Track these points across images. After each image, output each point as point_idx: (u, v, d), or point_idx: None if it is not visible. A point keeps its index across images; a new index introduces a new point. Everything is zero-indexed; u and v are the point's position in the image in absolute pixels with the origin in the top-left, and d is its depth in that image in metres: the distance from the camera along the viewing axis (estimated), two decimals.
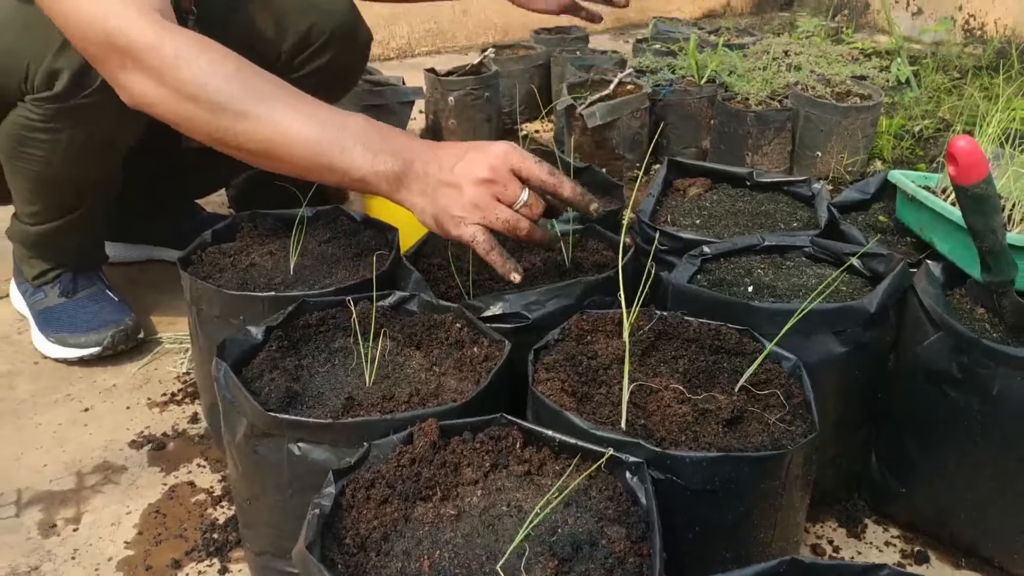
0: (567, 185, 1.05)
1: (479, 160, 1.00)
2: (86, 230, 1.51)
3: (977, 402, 0.99)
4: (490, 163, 1.00)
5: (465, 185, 1.01)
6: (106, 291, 1.54)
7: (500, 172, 1.01)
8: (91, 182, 1.42)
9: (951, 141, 0.96)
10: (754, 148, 2.08)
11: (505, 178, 1.01)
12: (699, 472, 0.81)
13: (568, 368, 0.95)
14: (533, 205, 1.03)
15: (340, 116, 1.03)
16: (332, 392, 0.96)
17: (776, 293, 1.12)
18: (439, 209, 1.02)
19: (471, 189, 1.00)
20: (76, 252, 1.53)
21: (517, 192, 1.02)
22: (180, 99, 1.00)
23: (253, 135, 1.00)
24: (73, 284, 1.52)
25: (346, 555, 0.73)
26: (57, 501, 1.19)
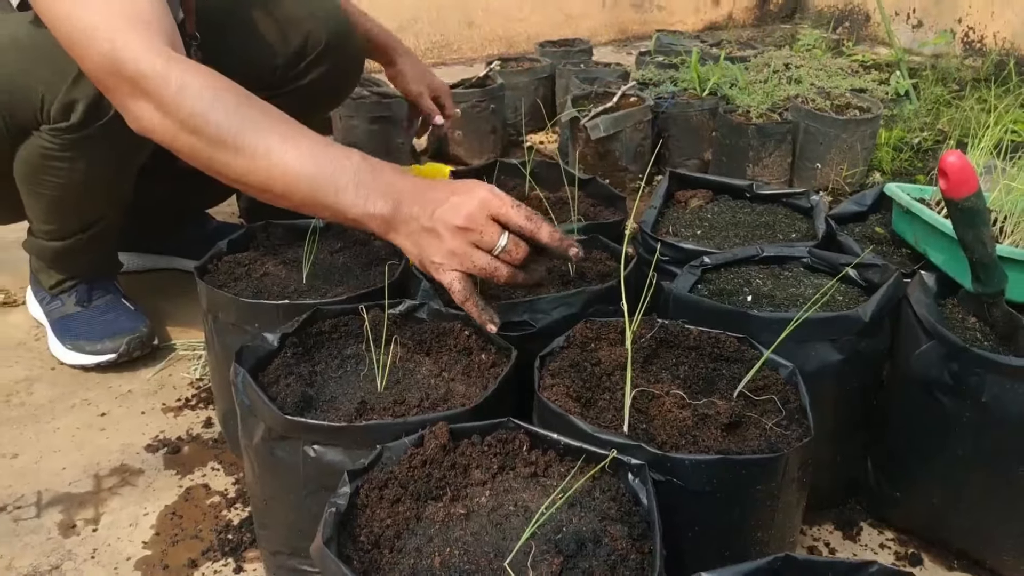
0: (544, 230, 1.02)
1: (458, 207, 1.00)
2: (99, 247, 1.55)
3: (968, 409, 1.02)
4: (468, 211, 1.00)
5: (444, 232, 1.01)
6: (121, 299, 1.58)
7: (477, 219, 1.00)
8: (107, 202, 1.46)
9: (942, 157, 1.00)
10: (755, 160, 2.12)
11: (482, 225, 1.00)
12: (698, 474, 0.84)
13: (572, 374, 0.99)
14: (513, 250, 1.01)
15: (337, 154, 1.05)
16: (345, 397, 0.99)
17: (775, 302, 1.16)
18: (422, 254, 1.03)
19: (449, 237, 1.01)
20: (92, 264, 1.57)
21: (495, 239, 1.00)
22: (182, 131, 1.03)
23: (251, 171, 1.03)
24: (89, 293, 1.56)
25: (361, 551, 0.77)
26: (76, 503, 1.22)
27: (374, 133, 2.23)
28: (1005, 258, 1.08)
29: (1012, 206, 1.20)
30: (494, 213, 1.01)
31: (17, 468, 1.29)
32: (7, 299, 1.74)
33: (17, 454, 1.31)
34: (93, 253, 1.54)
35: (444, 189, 1.03)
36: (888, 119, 2.50)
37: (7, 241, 1.93)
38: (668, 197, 1.53)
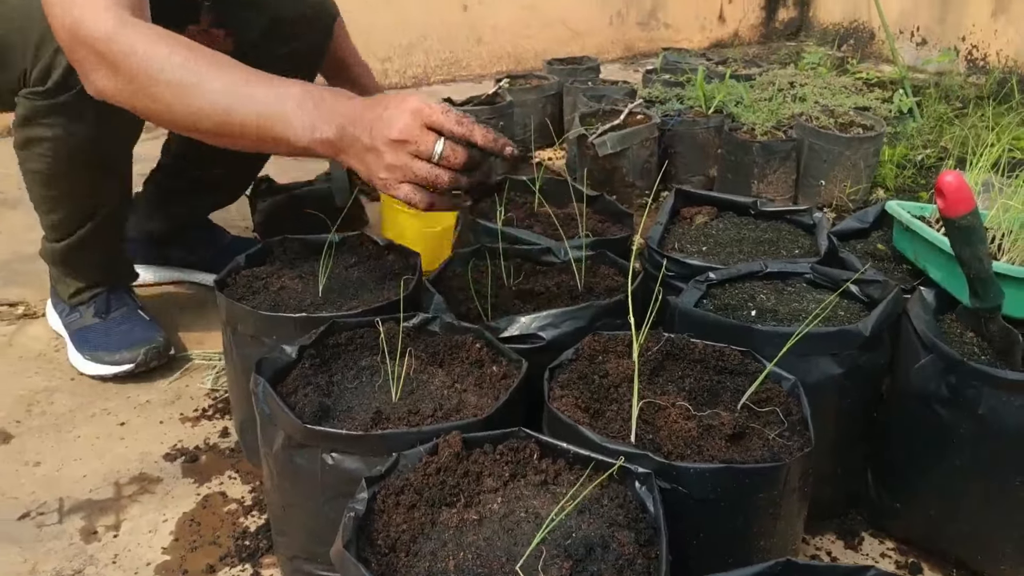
0: (477, 132, 1.06)
1: (391, 121, 1.04)
2: (106, 244, 1.57)
3: (965, 421, 1.05)
4: (401, 123, 1.04)
5: (382, 148, 1.05)
6: (138, 311, 1.62)
7: (411, 130, 1.04)
8: (98, 187, 1.47)
9: (939, 177, 1.03)
10: (760, 177, 2.16)
11: (417, 135, 1.04)
12: (703, 482, 0.87)
13: (581, 386, 1.02)
14: (451, 156, 1.05)
15: (280, 88, 1.09)
16: (361, 407, 1.03)
17: (778, 317, 1.19)
18: (370, 172, 1.08)
19: (388, 152, 1.05)
20: (101, 269, 1.60)
21: (431, 147, 1.04)
22: (135, 90, 1.08)
23: (204, 120, 1.09)
24: (107, 305, 1.60)
25: (379, 555, 0.80)
26: (97, 509, 1.26)
27: None
28: (1001, 275, 1.11)
29: (1010, 224, 1.23)
30: (427, 122, 1.05)
31: (39, 476, 1.32)
32: (27, 311, 1.78)
33: (39, 462, 1.35)
34: (100, 252, 1.58)
35: (379, 105, 1.08)
36: (892, 136, 2.54)
37: (26, 255, 1.98)
38: (674, 213, 1.57)
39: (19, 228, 2.16)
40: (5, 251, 2.04)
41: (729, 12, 4.14)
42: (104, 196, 1.50)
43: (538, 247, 1.38)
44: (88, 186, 1.47)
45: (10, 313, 1.78)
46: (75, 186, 1.46)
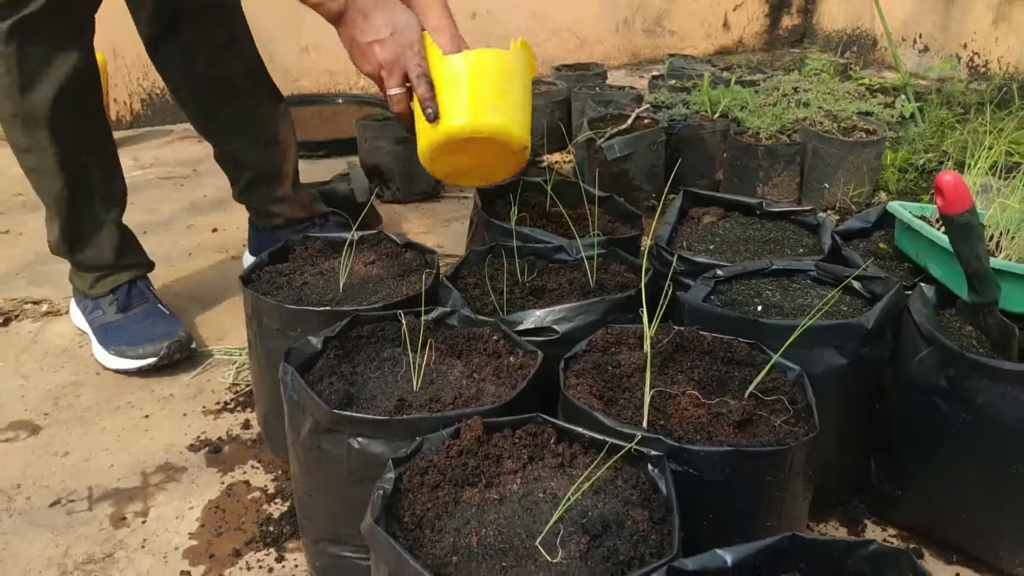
0: (420, 88, 1.33)
1: (384, 50, 1.32)
2: (97, 215, 1.61)
3: (964, 411, 1.09)
4: (386, 58, 1.32)
5: (370, 59, 1.34)
6: (158, 306, 1.67)
7: (391, 65, 1.33)
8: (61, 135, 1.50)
9: (938, 176, 1.08)
10: (764, 180, 2.20)
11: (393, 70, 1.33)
12: (713, 465, 0.92)
13: (595, 375, 1.07)
14: (395, 100, 1.37)
15: None
16: (384, 395, 1.07)
17: (783, 312, 1.24)
18: (352, 57, 1.36)
19: (370, 66, 1.35)
20: (108, 251, 1.63)
21: (391, 85, 1.35)
22: None
23: None
24: (127, 300, 1.65)
25: (405, 531, 0.85)
26: (125, 497, 1.30)
27: (399, 153, 2.32)
28: (999, 270, 1.15)
29: (1007, 223, 1.27)
30: (404, 66, 1.33)
31: (68, 466, 1.37)
32: (51, 309, 1.83)
33: (68, 452, 1.40)
34: (94, 226, 1.61)
35: (382, 18, 1.32)
36: (894, 141, 2.58)
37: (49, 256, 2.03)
38: (682, 214, 1.61)
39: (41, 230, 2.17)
40: (28, 252, 2.09)
41: (734, 19, 4.19)
42: (71, 152, 1.52)
43: (551, 245, 1.42)
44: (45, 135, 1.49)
45: (35, 311, 1.83)
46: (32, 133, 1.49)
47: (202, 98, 1.75)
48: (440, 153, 1.36)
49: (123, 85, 3.04)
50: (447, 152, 1.36)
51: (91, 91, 1.54)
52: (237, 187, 1.87)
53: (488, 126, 1.31)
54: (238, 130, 1.77)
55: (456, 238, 2.15)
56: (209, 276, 1.99)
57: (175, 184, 2.57)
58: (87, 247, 1.63)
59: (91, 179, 1.59)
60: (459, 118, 1.31)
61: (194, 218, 2.32)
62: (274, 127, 1.79)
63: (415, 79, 1.33)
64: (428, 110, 1.32)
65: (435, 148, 1.34)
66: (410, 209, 2.37)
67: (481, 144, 1.34)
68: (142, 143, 2.95)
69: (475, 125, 1.31)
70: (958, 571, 1.17)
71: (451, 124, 1.31)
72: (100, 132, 1.60)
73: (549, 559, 0.81)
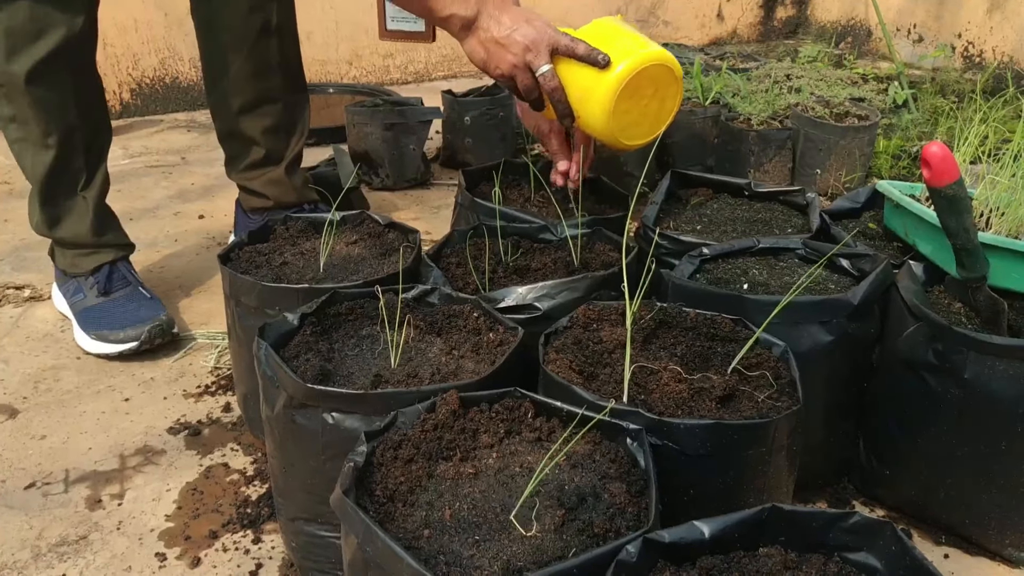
0: (580, 47, 1.31)
1: (525, 34, 1.31)
2: (75, 199, 1.59)
3: (951, 387, 1.07)
4: (531, 38, 1.31)
5: (512, 49, 1.31)
6: (139, 289, 1.65)
7: (538, 46, 1.31)
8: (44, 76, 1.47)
9: (925, 147, 1.06)
10: (756, 166, 2.18)
11: (539, 48, 1.31)
12: (693, 438, 0.90)
13: (576, 350, 1.05)
14: (547, 78, 1.33)
15: None
16: (361, 372, 1.05)
17: (769, 290, 1.22)
18: (488, 58, 1.34)
19: (511, 56, 1.32)
20: (86, 226, 1.61)
21: (540, 63, 1.32)
22: None
23: None
24: (109, 283, 1.63)
25: (377, 504, 0.83)
26: (102, 480, 1.28)
27: (388, 139, 2.30)
28: (988, 245, 1.13)
29: (996, 200, 1.25)
30: (550, 43, 1.32)
31: (46, 448, 1.35)
32: (33, 294, 1.81)
33: (45, 435, 1.38)
34: (73, 202, 1.59)
35: (515, 14, 1.32)
36: (887, 128, 2.56)
37: (33, 241, 2.01)
38: (670, 195, 1.59)
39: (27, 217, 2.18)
40: (14, 239, 2.07)
41: (728, 10, 4.17)
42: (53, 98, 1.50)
43: (535, 225, 1.40)
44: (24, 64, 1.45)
45: (17, 296, 1.80)
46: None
47: (232, 79, 1.73)
48: (622, 100, 1.34)
49: (112, 75, 3.02)
50: (623, 100, 1.34)
51: (83, 58, 1.51)
52: (235, 166, 1.84)
53: (656, 53, 1.34)
54: (258, 114, 1.76)
55: (445, 224, 2.13)
56: (194, 262, 1.97)
57: (163, 172, 2.55)
58: (64, 221, 1.61)
59: (75, 153, 1.56)
60: (631, 54, 1.32)
61: (181, 205, 2.30)
62: (294, 115, 1.81)
63: (569, 43, 1.31)
64: (599, 56, 1.30)
65: (620, 92, 1.32)
66: (399, 196, 2.35)
67: (651, 80, 1.35)
68: (131, 132, 2.92)
69: (647, 54, 1.33)
70: (947, 551, 1.16)
71: (628, 60, 1.32)
72: (88, 105, 1.56)
73: (523, 532, 0.79)
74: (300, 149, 1.85)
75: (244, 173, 1.83)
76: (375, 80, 3.49)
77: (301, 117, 1.82)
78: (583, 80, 1.34)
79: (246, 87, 1.72)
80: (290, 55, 1.75)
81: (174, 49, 3.06)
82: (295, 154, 1.84)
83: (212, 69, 1.74)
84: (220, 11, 1.66)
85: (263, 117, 1.76)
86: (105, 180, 1.64)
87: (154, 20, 2.96)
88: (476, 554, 0.77)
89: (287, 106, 1.77)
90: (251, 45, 1.68)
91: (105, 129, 1.63)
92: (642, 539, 0.74)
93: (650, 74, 1.34)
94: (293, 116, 1.80)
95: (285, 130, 1.80)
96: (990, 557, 1.14)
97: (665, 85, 1.38)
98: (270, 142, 1.78)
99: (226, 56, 1.70)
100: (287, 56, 1.74)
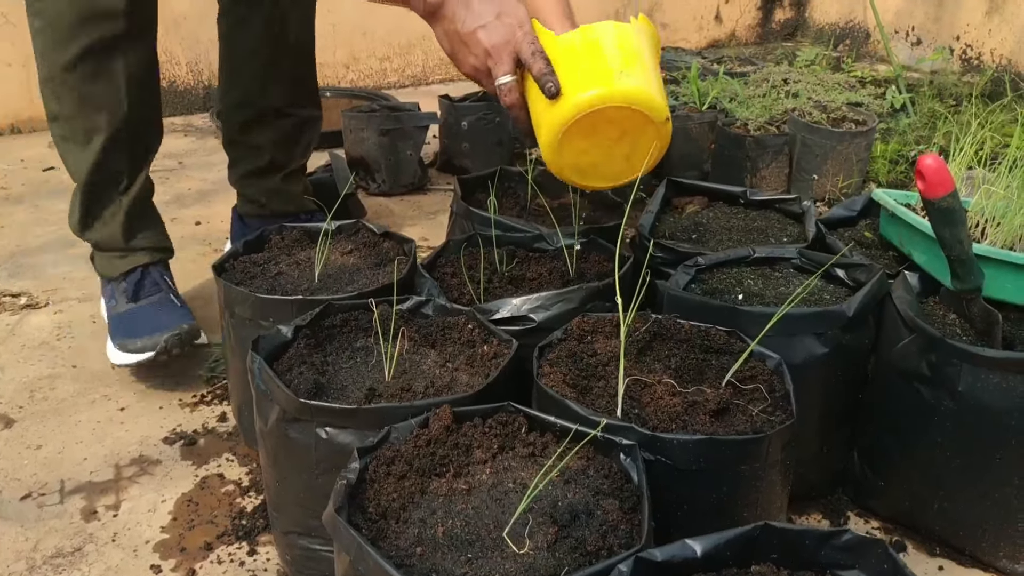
0: (536, 65, 1.18)
1: (490, 34, 1.19)
2: (109, 200, 1.54)
3: (945, 399, 1.07)
4: (493, 42, 1.19)
5: (474, 50, 1.21)
6: (170, 296, 1.57)
7: (500, 52, 1.20)
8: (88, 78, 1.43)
9: (919, 159, 1.05)
10: (753, 171, 2.18)
11: (500, 55, 1.20)
12: (686, 453, 0.90)
13: (569, 364, 1.05)
14: (504, 91, 1.22)
15: None
16: (355, 385, 1.05)
17: (764, 301, 1.21)
18: (452, 54, 1.26)
19: (475, 57, 1.22)
20: (116, 233, 1.55)
21: (500, 73, 1.21)
22: None
23: None
24: (138, 288, 1.56)
25: (369, 521, 0.83)
26: (97, 490, 1.28)
27: (384, 144, 2.30)
28: (982, 256, 1.13)
29: (993, 210, 1.25)
30: (516, 50, 1.20)
31: (41, 458, 1.35)
32: (29, 302, 1.81)
33: (41, 445, 1.38)
34: (107, 203, 1.54)
35: (491, 6, 1.20)
36: (885, 132, 2.56)
37: (30, 248, 2.02)
38: (665, 203, 1.59)
39: (24, 223, 2.19)
40: (10, 245, 2.07)
41: (726, 12, 4.17)
42: (100, 100, 1.46)
43: (530, 234, 1.40)
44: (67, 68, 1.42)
45: (13, 304, 1.80)
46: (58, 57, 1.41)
47: (245, 91, 1.72)
48: (568, 140, 1.15)
49: None
50: (575, 138, 1.15)
51: (136, 48, 1.45)
52: (238, 170, 1.83)
53: (622, 91, 1.12)
54: (268, 125, 1.75)
55: (442, 229, 2.12)
56: (191, 269, 1.96)
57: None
58: (97, 224, 1.55)
59: (117, 155, 1.50)
60: (589, 87, 1.12)
61: (178, 211, 2.30)
62: (304, 130, 1.80)
63: (528, 57, 1.17)
64: (548, 84, 1.14)
65: (562, 133, 1.14)
66: (396, 201, 2.35)
67: (615, 122, 1.15)
68: None
69: (608, 91, 1.12)
70: (941, 563, 1.16)
71: (579, 96, 1.12)
72: (139, 102, 1.49)
73: (516, 550, 0.79)
74: (305, 162, 1.85)
75: (245, 179, 1.82)
76: (372, 84, 3.48)
77: (311, 132, 1.82)
78: (539, 103, 1.17)
79: (259, 99, 1.72)
80: (306, 72, 1.76)
81: (171, 53, 3.05)
82: (299, 165, 1.84)
83: (227, 77, 1.73)
84: (240, 23, 1.66)
85: (273, 129, 1.75)
86: (146, 183, 1.58)
87: None
88: (469, 572, 0.77)
89: (298, 121, 1.77)
90: (268, 59, 1.68)
91: (154, 131, 1.58)
92: (634, 558, 0.74)
93: (611, 116, 1.15)
94: (302, 130, 1.79)
95: (293, 142, 1.79)
96: (984, 569, 1.14)
97: (637, 128, 1.17)
98: (276, 152, 1.78)
99: (242, 67, 1.70)
100: (303, 72, 1.74)
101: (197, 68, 3.11)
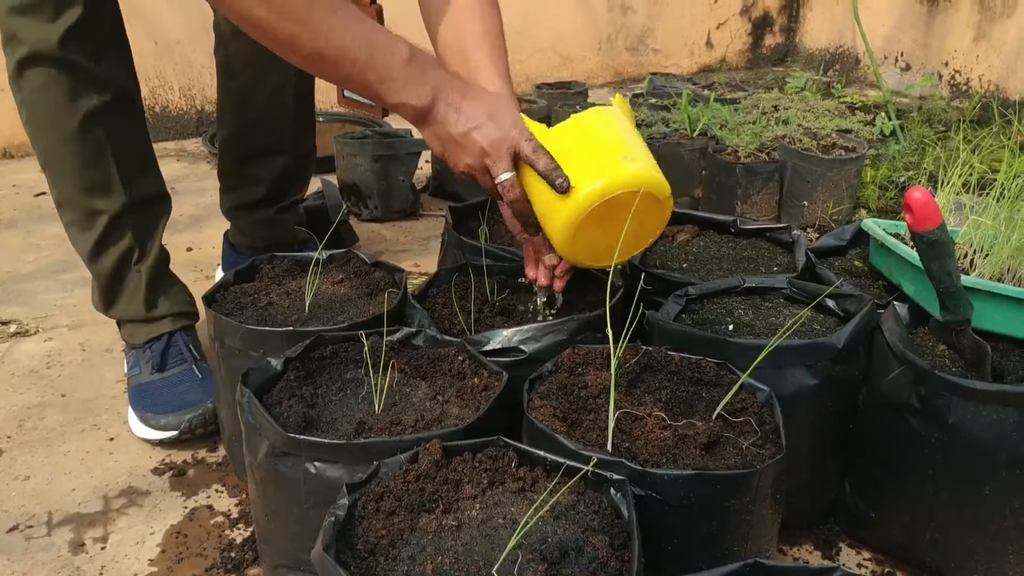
0: (540, 161, 1.14)
1: (485, 134, 1.15)
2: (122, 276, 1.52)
3: (935, 430, 1.07)
4: (490, 140, 1.15)
5: (469, 149, 1.16)
6: (193, 368, 1.53)
7: (498, 150, 1.15)
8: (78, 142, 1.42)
9: (907, 193, 1.06)
10: (743, 198, 2.19)
11: (499, 153, 1.15)
12: (676, 489, 0.90)
13: (560, 396, 1.05)
14: (506, 187, 1.17)
15: (390, 43, 1.13)
16: (344, 418, 1.05)
17: (755, 331, 1.22)
18: (444, 154, 1.20)
19: (468, 158, 1.17)
20: (135, 306, 1.54)
21: (499, 171, 1.16)
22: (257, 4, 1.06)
23: (309, 45, 1.09)
24: (164, 359, 1.53)
25: (358, 559, 0.82)
26: (85, 522, 1.27)
27: (377, 170, 2.30)
28: (971, 288, 1.14)
29: (981, 240, 1.26)
30: (513, 147, 1.16)
31: (29, 489, 1.34)
32: (19, 329, 1.80)
33: (29, 476, 1.37)
34: (120, 279, 1.53)
35: (479, 106, 1.16)
36: (875, 159, 2.58)
37: (21, 275, 2.01)
38: None
39: (14, 248, 2.18)
40: (0, 271, 2.06)
41: (717, 38, 4.21)
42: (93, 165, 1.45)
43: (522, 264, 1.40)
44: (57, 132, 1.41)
45: (3, 331, 1.80)
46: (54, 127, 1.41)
47: (240, 126, 1.73)
48: (583, 229, 1.16)
49: None
50: (589, 226, 1.16)
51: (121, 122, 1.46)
52: (231, 201, 1.83)
53: (631, 176, 1.13)
54: (263, 161, 1.76)
55: (434, 255, 2.12)
56: None
57: None
58: (119, 301, 1.54)
59: (122, 230, 1.50)
60: (598, 177, 1.13)
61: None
62: (299, 167, 1.81)
63: (530, 154, 1.14)
64: (559, 180, 1.12)
65: (578, 223, 1.14)
66: (388, 227, 2.35)
67: (623, 205, 1.15)
68: None
69: (618, 178, 1.13)
70: None
71: (591, 187, 1.12)
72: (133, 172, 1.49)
73: None
74: (299, 197, 1.86)
75: (238, 211, 1.82)
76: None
77: (305, 168, 1.83)
78: (545, 195, 1.16)
79: (255, 136, 1.72)
80: (304, 111, 1.76)
81: (164, 78, 3.06)
82: (292, 200, 1.84)
83: (224, 111, 1.73)
84: (236, 57, 1.65)
85: (267, 165, 1.75)
86: (161, 252, 1.58)
87: (144, 49, 2.96)
88: None
89: (294, 158, 1.77)
90: (267, 97, 1.68)
91: (158, 199, 1.57)
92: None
93: (623, 200, 1.14)
94: (297, 167, 1.80)
95: (287, 178, 1.80)
96: None
97: (643, 207, 1.17)
98: (274, 186, 1.78)
99: (238, 103, 1.70)
100: (301, 111, 1.74)
101: (190, 93, 3.12)
